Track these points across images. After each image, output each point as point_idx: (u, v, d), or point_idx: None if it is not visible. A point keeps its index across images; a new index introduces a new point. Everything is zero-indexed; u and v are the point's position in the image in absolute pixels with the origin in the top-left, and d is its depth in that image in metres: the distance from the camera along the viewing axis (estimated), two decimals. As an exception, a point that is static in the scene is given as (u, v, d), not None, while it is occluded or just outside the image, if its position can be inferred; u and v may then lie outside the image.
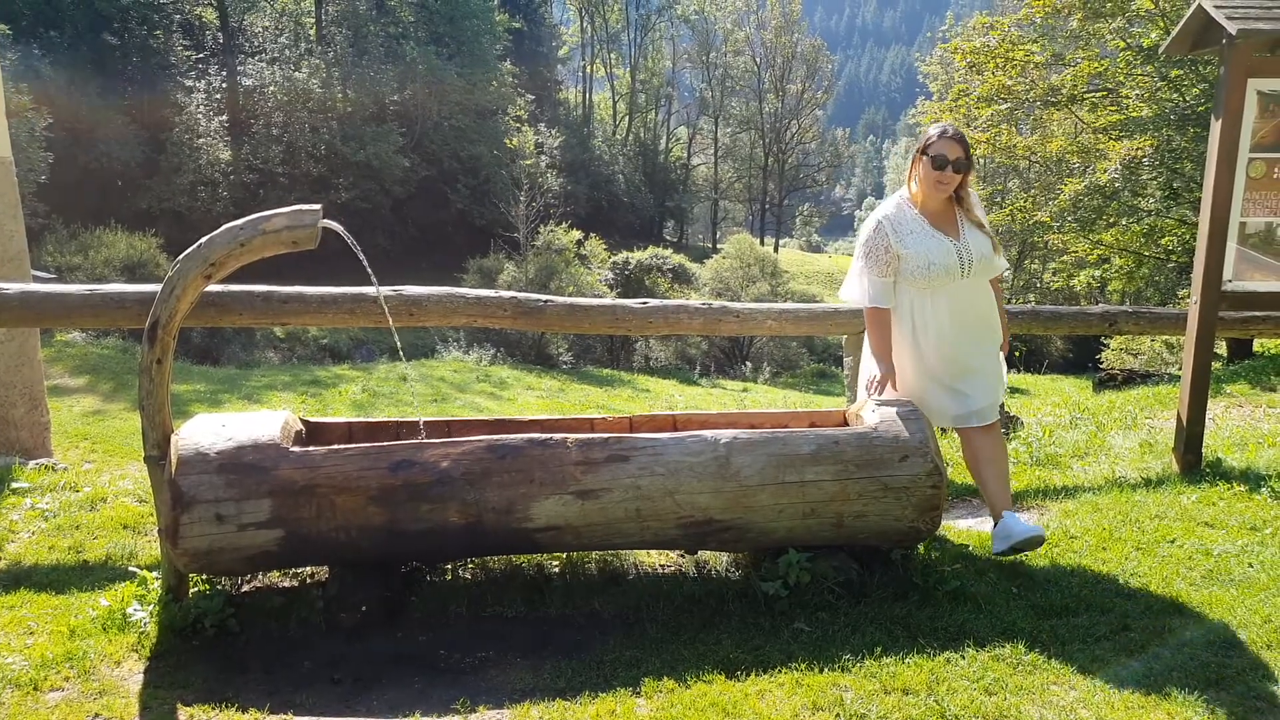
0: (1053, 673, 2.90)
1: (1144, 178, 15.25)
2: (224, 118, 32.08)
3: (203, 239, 3.16)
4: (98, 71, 28.98)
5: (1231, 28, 4.39)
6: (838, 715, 2.67)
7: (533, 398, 15.06)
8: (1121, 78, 15.52)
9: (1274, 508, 4.31)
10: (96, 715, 2.62)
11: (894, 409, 3.54)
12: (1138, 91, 15.10)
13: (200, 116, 31.30)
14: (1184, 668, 2.91)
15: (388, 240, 33.43)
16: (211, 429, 3.22)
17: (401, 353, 4.04)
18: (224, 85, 32.69)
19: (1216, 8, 4.52)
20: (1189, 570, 3.65)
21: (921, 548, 3.73)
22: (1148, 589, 3.48)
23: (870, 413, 3.57)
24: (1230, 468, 4.89)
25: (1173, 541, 3.95)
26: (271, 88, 32.99)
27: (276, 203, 31.33)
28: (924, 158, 3.63)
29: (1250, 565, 3.67)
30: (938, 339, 3.68)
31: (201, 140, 30.92)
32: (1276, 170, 4.68)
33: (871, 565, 3.55)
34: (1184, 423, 4.92)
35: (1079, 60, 16.04)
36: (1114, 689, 2.80)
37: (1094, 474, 5.06)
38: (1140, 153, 14.98)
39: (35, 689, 2.72)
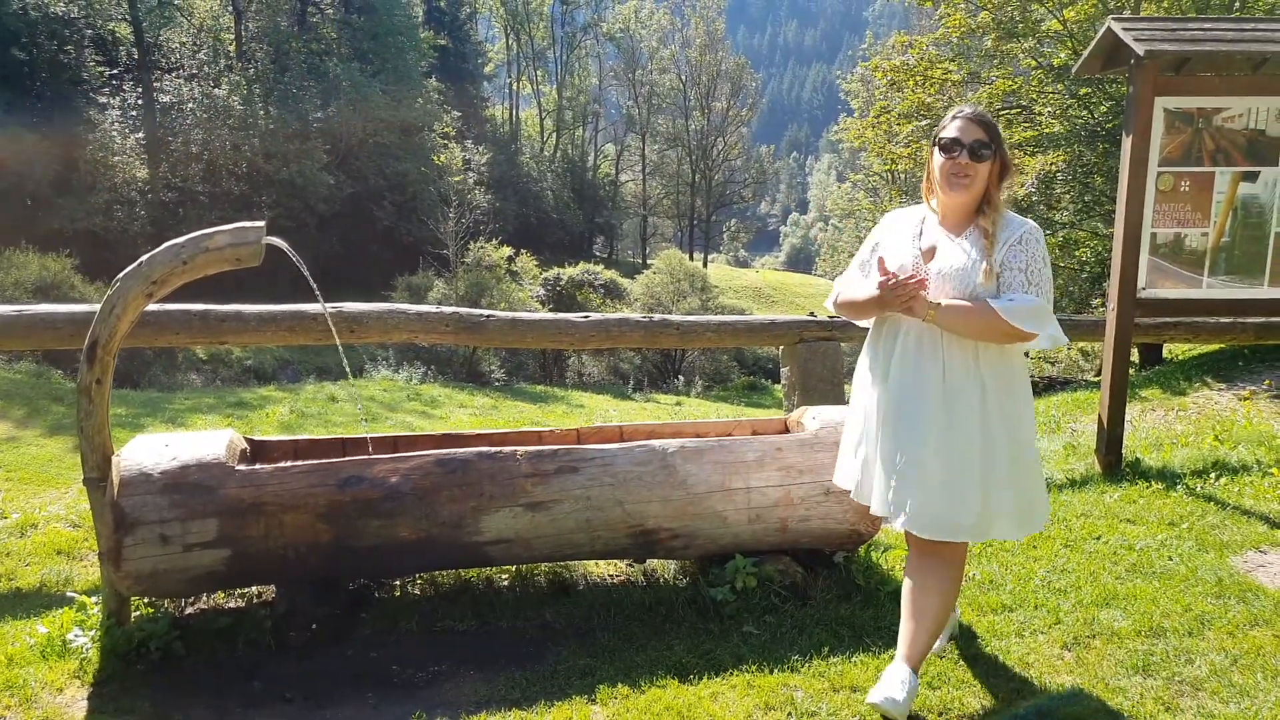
0: (991, 665, 3.03)
1: (1058, 191, 15.89)
2: (140, 135, 31.20)
3: (144, 256, 3.10)
4: (4, 87, 27.95)
5: (1139, 49, 4.65)
6: (789, 714, 2.74)
7: (465, 415, 14.93)
8: (1034, 95, 16.16)
9: (1189, 504, 4.55)
10: (41, 744, 2.55)
11: (833, 416, 3.65)
12: (1050, 109, 15.75)
13: (115, 134, 30.39)
14: (1113, 657, 3.06)
15: (313, 259, 32.73)
16: (154, 449, 3.16)
17: (348, 368, 4.01)
18: (140, 102, 31.80)
19: (1125, 30, 4.78)
20: (1114, 565, 3.83)
21: (863, 550, 3.84)
22: (1077, 585, 3.64)
23: (811, 419, 3.67)
24: (1149, 467, 5.14)
25: (1098, 538, 4.14)
26: (190, 105, 32.21)
27: (196, 221, 30.58)
28: (935, 149, 2.72)
29: (1170, 558, 3.87)
30: (882, 386, 2.74)
31: (117, 158, 30.04)
32: (1183, 183, 4.96)
33: (815, 568, 3.64)
34: (1105, 425, 5.16)
35: (994, 79, 16.66)
36: (1050, 678, 2.93)
37: (1021, 476, 5.26)
38: (1054, 167, 15.61)
39: (-26, 719, 2.64)
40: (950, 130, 2.69)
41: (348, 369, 3.97)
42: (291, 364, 22.92)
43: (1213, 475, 4.96)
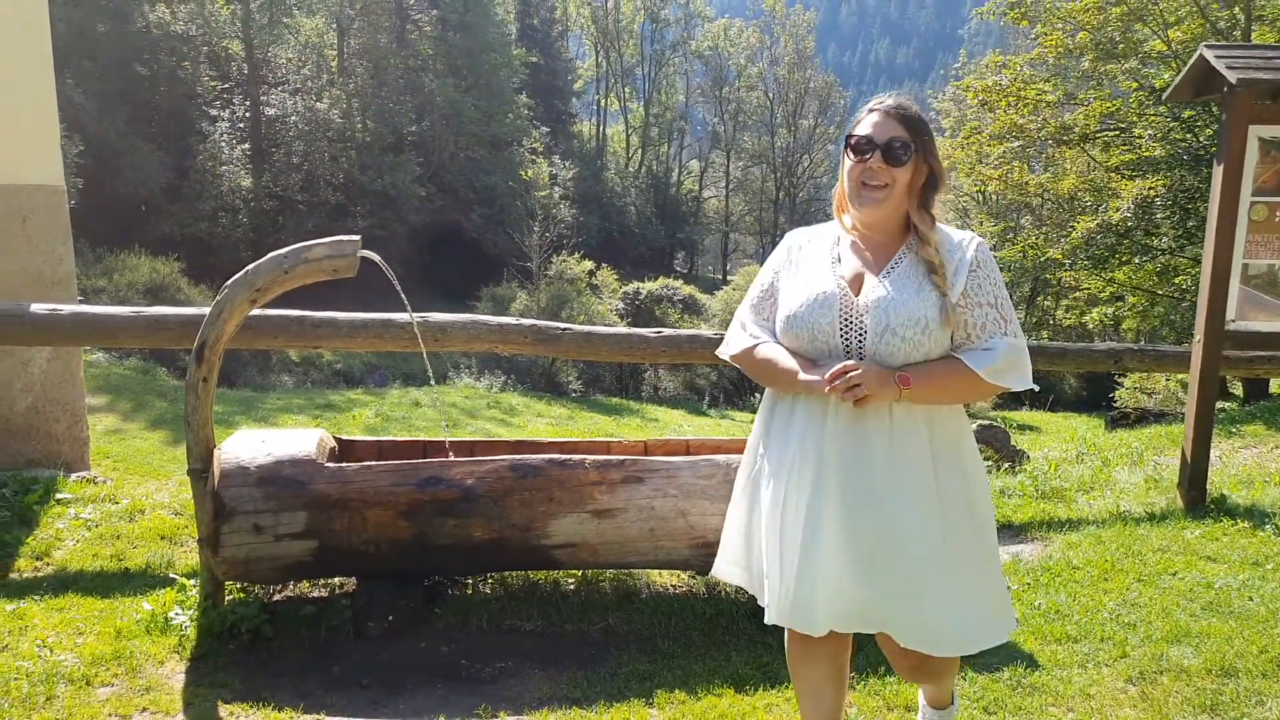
0: (1051, 695, 3.02)
1: (1157, 217, 15.42)
2: (246, 146, 32.64)
3: (249, 266, 3.34)
4: (127, 100, 29.56)
5: (1232, 77, 4.56)
6: (844, 729, 2.79)
7: (542, 424, 15.22)
8: (1134, 117, 15.74)
9: (1276, 544, 4.42)
10: (144, 710, 2.78)
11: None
12: (1150, 131, 15.31)
13: (224, 144, 31.87)
14: (1181, 694, 3.02)
15: (402, 267, 33.58)
16: (252, 444, 3.38)
17: (431, 375, 4.21)
18: (247, 115, 33.28)
19: (1218, 58, 4.69)
20: (1189, 602, 3.75)
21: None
22: (1148, 619, 3.59)
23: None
24: (1235, 504, 5.00)
25: (1174, 574, 4.05)
26: (293, 117, 33.58)
27: (294, 229, 31.85)
28: (846, 152, 2.11)
29: (1250, 598, 3.77)
30: (793, 465, 2.07)
31: (224, 168, 31.46)
32: (1278, 214, 4.83)
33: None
34: (1188, 459, 5.04)
35: (1091, 100, 16.28)
36: (1111, 711, 2.91)
37: (1098, 508, 5.17)
38: (1153, 192, 15.16)
39: (87, 684, 2.88)
40: (863, 126, 2.08)
41: (431, 376, 4.16)
42: (379, 369, 23.60)
43: (1303, 516, 4.80)
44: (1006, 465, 5.88)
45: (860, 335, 2.01)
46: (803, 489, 2.04)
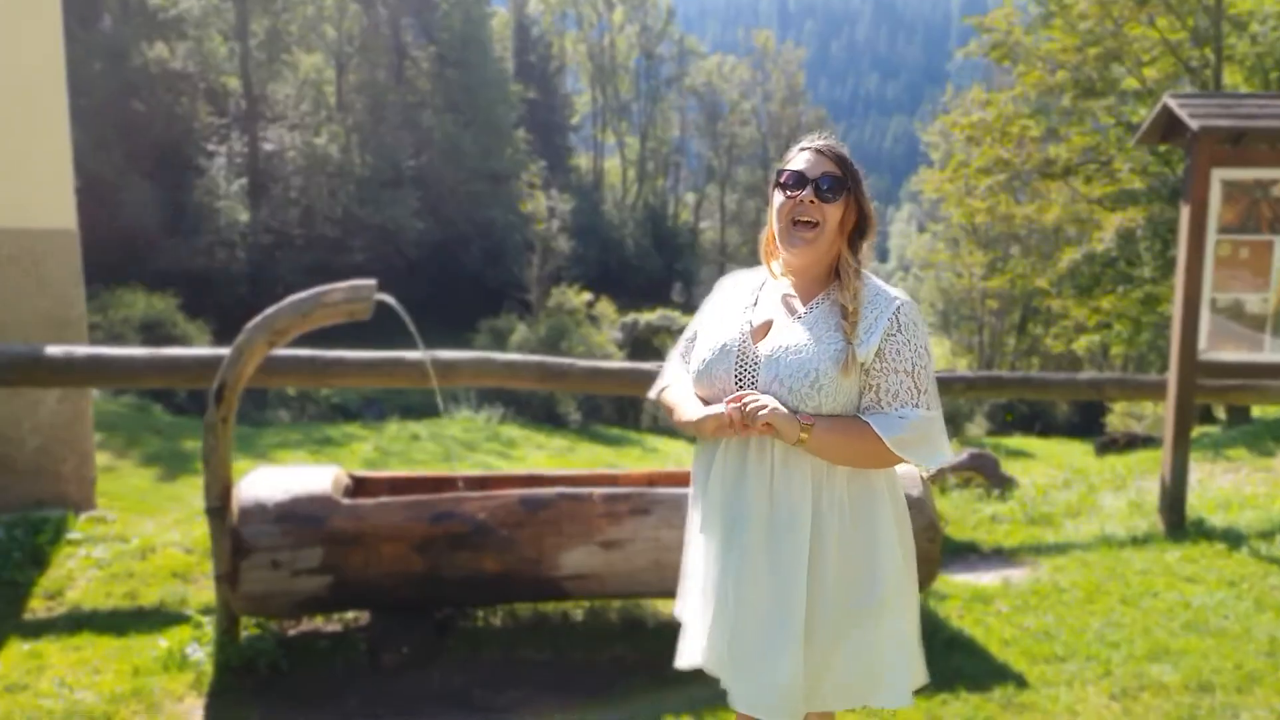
0: (1040, 712, 3.17)
1: (1139, 247, 15.74)
2: (244, 181, 32.97)
3: (269, 309, 3.51)
4: (124, 137, 29.89)
5: (1194, 124, 4.80)
6: (840, 748, 2.93)
7: (542, 456, 15.35)
8: (1113, 151, 16.09)
9: (1252, 564, 4.59)
10: (170, 741, 2.90)
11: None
12: (1130, 165, 15.67)
13: (221, 180, 32.19)
14: (1160, 709, 3.17)
15: (401, 301, 33.74)
16: (269, 482, 3.54)
17: (441, 407, 4.35)
18: (245, 150, 33.66)
19: (1180, 106, 4.94)
20: (1169, 621, 3.91)
21: (921, 597, 4.00)
22: (1130, 638, 3.74)
23: (870, 472, 3.87)
24: (1213, 527, 5.18)
25: (1155, 594, 4.22)
26: (291, 152, 33.98)
27: (292, 264, 32.13)
28: (775, 190, 2.04)
29: (1225, 616, 3.94)
30: (705, 502, 2.05)
31: (221, 203, 31.76)
32: (1242, 250, 5.06)
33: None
34: (1167, 484, 5.22)
35: (1070, 134, 16.66)
36: (1093, 727, 3.06)
37: (1084, 531, 5.34)
38: (1133, 223, 15.48)
39: (109, 720, 3.01)
40: (794, 162, 2.02)
41: (441, 407, 4.31)
42: (376, 402, 23.70)
43: (1279, 538, 4.97)
44: (996, 491, 6.04)
45: (752, 385, 1.94)
46: (705, 536, 2.02)
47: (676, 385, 2.16)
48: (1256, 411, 11.77)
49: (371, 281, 3.51)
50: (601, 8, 52.31)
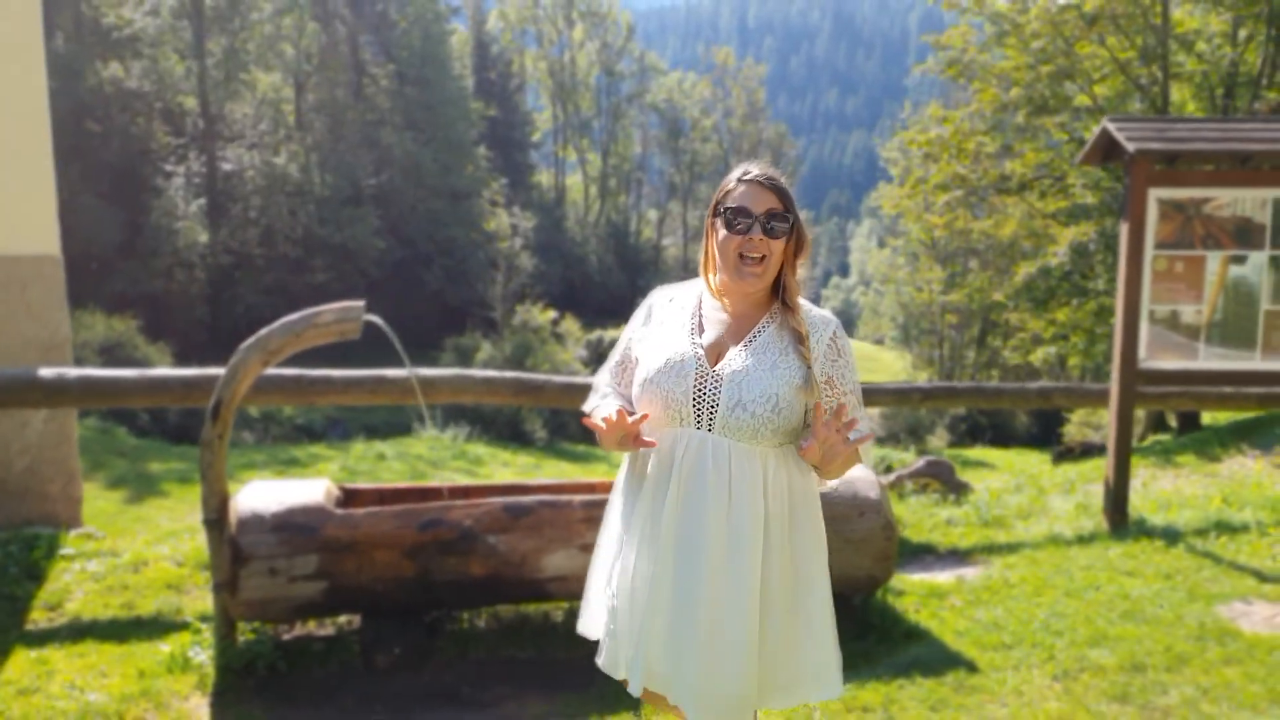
0: (989, 694, 3.44)
1: (1093, 260, 16.26)
2: (202, 201, 32.77)
3: (262, 330, 3.70)
4: (78, 158, 29.60)
5: (1131, 147, 5.15)
6: (808, 729, 3.18)
7: (509, 474, 15.45)
8: (1066, 166, 16.64)
9: (1187, 559, 4.92)
10: (181, 737, 3.08)
11: (852, 473, 4.11)
12: (1082, 180, 16.20)
13: (179, 200, 31.97)
14: (1097, 687, 3.46)
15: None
16: (265, 494, 3.72)
17: (428, 420, 4.54)
18: (203, 170, 33.47)
19: (1118, 129, 5.30)
20: (1109, 610, 4.21)
21: (880, 594, 4.27)
22: (1073, 626, 4.03)
23: (831, 476, 4.14)
24: (1153, 525, 5.51)
25: (1097, 588, 4.52)
26: (250, 172, 33.83)
27: (252, 284, 32.00)
28: (717, 220, 2.09)
29: (1160, 606, 4.25)
30: (651, 520, 2.04)
31: (179, 224, 31.52)
32: (1177, 264, 5.42)
33: (837, 610, 4.06)
34: (1110, 486, 5.55)
35: (1024, 150, 17.19)
36: (1038, 704, 3.34)
37: (1034, 532, 5.65)
38: (1086, 237, 16.01)
39: (120, 718, 3.18)
40: (736, 197, 2.05)
41: (429, 420, 4.50)
42: (340, 422, 23.65)
43: (1213, 534, 5.31)
44: (952, 497, 6.35)
45: (712, 407, 1.98)
46: (649, 552, 2.03)
47: (600, 405, 2.17)
48: (1206, 419, 12.22)
49: (360, 303, 3.71)
50: (561, 24, 52.69)
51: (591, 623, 2.22)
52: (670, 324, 2.12)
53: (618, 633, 2.09)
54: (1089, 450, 17.13)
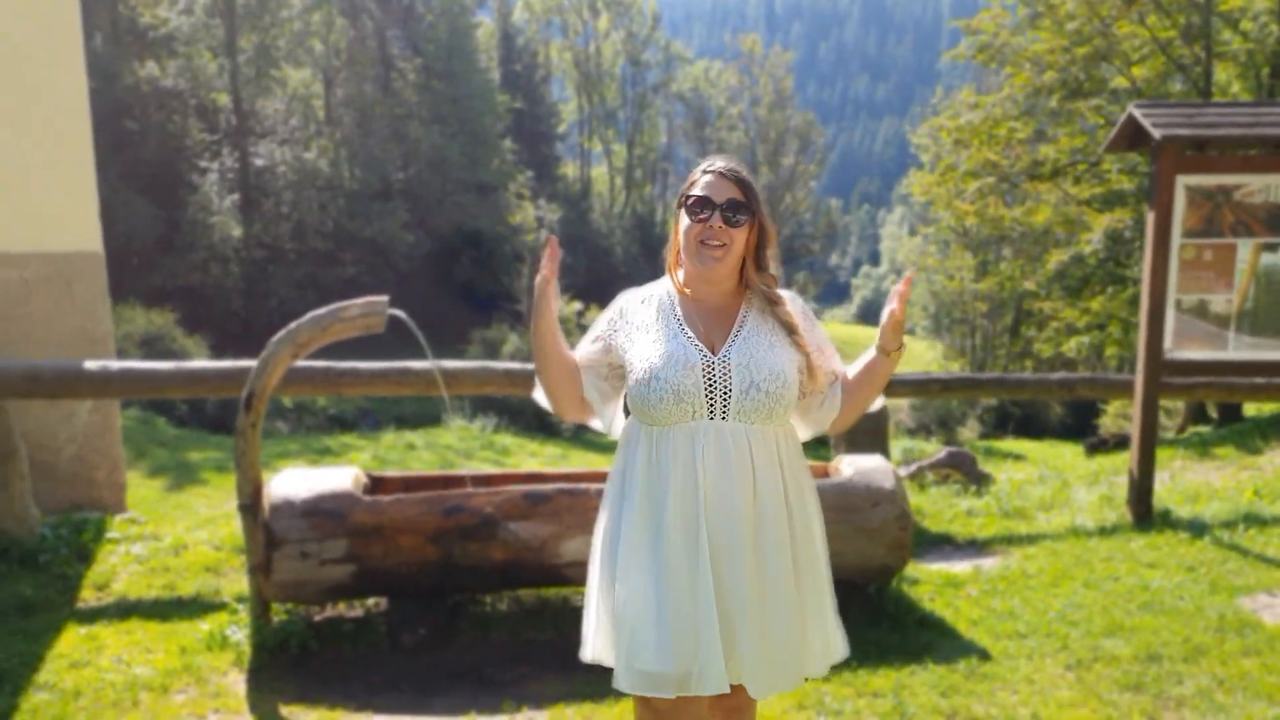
0: (1000, 681, 3.48)
1: (1131, 247, 16.01)
2: (236, 196, 33.25)
3: (291, 324, 3.82)
4: (117, 155, 30.12)
5: (1157, 134, 5.13)
6: (819, 713, 3.24)
7: (535, 464, 15.62)
8: (1102, 151, 16.38)
9: (1211, 551, 4.91)
10: (216, 710, 3.22)
11: (867, 463, 4.16)
12: (1118, 165, 15.93)
13: (214, 196, 32.46)
14: (1110, 677, 3.49)
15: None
16: (296, 481, 3.84)
17: (451, 411, 4.64)
18: (236, 166, 33.94)
19: (1145, 115, 5.27)
20: (1127, 602, 4.23)
21: (895, 582, 4.31)
22: (1089, 617, 4.06)
23: (846, 466, 4.19)
24: (1179, 517, 5.50)
25: (1117, 579, 4.54)
26: (281, 167, 34.25)
27: (285, 277, 32.43)
28: (681, 211, 2.18)
29: (1181, 598, 4.26)
30: (682, 516, 2.05)
31: (214, 218, 32.02)
32: (1206, 253, 5.39)
33: (850, 597, 4.12)
34: (1135, 477, 5.54)
35: (1059, 135, 16.93)
36: (1050, 692, 3.38)
37: (1056, 523, 5.66)
38: (1121, 224, 15.75)
39: (165, 691, 3.33)
40: (698, 187, 2.13)
41: (452, 412, 4.60)
42: (371, 413, 23.92)
43: (1242, 527, 5.29)
44: (973, 487, 6.36)
45: (725, 394, 2.04)
46: (683, 548, 2.04)
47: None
48: (1250, 410, 12.02)
49: (384, 298, 3.82)
50: (586, 15, 52.67)
51: (598, 646, 2.29)
52: (654, 324, 2.15)
53: (663, 644, 2.04)
54: (1123, 442, 16.95)
